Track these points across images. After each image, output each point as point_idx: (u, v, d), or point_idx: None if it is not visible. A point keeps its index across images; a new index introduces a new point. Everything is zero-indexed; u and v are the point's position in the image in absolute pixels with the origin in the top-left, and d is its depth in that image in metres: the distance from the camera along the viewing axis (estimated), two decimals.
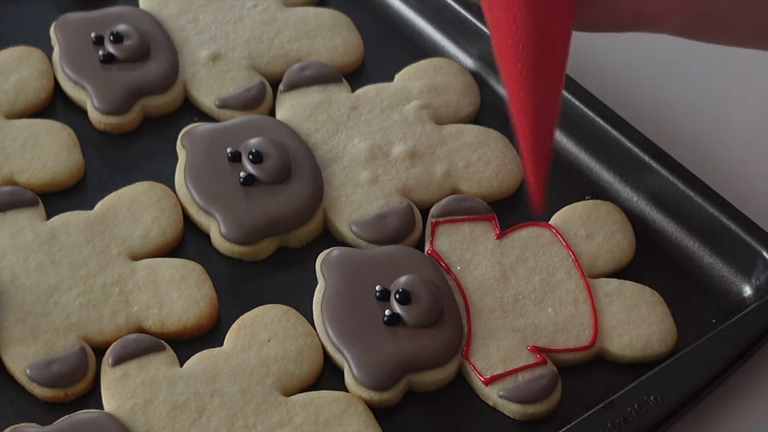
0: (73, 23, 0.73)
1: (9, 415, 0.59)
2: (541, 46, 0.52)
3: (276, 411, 0.59)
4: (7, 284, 0.62)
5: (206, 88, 0.72)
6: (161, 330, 0.62)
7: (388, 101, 0.71)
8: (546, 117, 0.53)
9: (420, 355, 0.60)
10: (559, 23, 0.53)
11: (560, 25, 0.53)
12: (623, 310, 0.63)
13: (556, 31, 0.53)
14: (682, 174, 0.68)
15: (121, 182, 0.67)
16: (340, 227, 0.66)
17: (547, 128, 0.53)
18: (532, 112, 0.52)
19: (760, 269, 0.64)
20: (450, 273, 0.64)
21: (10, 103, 0.70)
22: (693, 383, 0.60)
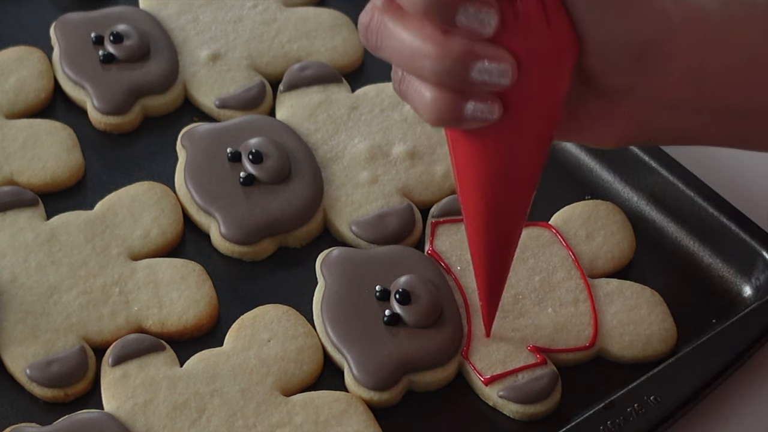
0: (73, 23, 0.73)
1: (9, 415, 0.59)
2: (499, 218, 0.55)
3: (276, 411, 0.59)
4: (7, 284, 0.62)
5: (206, 88, 0.72)
6: (161, 330, 0.62)
7: (388, 101, 0.71)
8: (499, 274, 0.58)
9: (420, 355, 0.60)
10: (519, 195, 0.55)
11: (521, 195, 0.55)
12: (623, 310, 0.63)
13: (516, 204, 0.55)
14: (682, 174, 0.68)
15: (121, 182, 0.67)
16: (340, 227, 0.66)
17: (499, 284, 0.58)
18: (487, 271, 0.57)
19: (760, 269, 0.64)
20: (450, 273, 0.64)
21: (10, 103, 0.70)
22: (693, 383, 0.60)
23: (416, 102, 0.51)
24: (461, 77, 0.49)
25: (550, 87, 0.51)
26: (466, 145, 0.53)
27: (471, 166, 0.53)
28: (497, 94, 0.50)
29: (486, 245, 0.56)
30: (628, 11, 0.50)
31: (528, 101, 0.51)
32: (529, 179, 0.54)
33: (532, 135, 0.52)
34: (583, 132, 0.55)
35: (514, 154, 0.52)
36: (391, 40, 0.51)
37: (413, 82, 0.51)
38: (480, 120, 0.50)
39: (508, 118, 0.51)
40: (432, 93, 0.50)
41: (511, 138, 0.52)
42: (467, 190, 0.54)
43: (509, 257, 0.57)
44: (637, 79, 0.52)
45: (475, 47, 0.49)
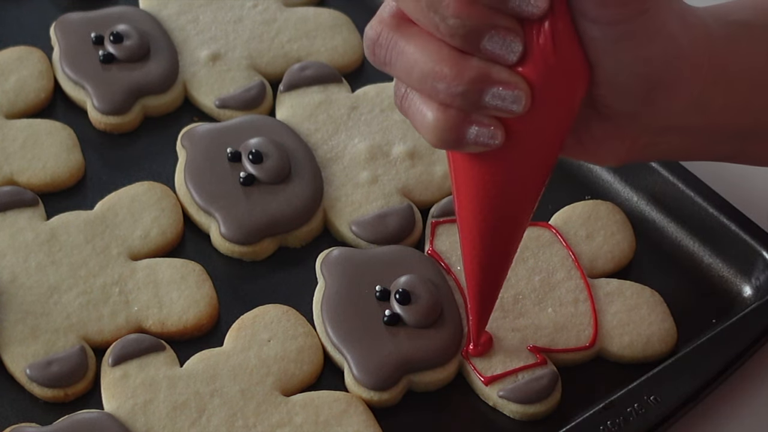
0: (73, 23, 0.73)
1: (9, 415, 0.59)
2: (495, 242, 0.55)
3: (276, 411, 0.59)
4: (7, 284, 0.62)
5: (206, 88, 0.72)
6: (161, 330, 0.62)
7: (388, 101, 0.71)
8: (491, 293, 0.58)
9: (420, 355, 0.60)
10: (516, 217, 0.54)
11: (518, 220, 0.54)
12: (623, 310, 0.63)
13: (514, 225, 0.54)
14: (682, 174, 0.68)
15: (121, 182, 0.67)
16: (340, 227, 0.66)
17: (490, 302, 0.58)
18: (478, 290, 0.57)
19: (760, 269, 0.64)
20: (450, 273, 0.64)
21: (10, 103, 0.70)
22: (693, 383, 0.60)
23: (418, 122, 0.51)
24: (473, 101, 0.49)
25: (559, 116, 0.50)
26: (465, 166, 0.52)
27: (469, 187, 0.53)
28: (502, 120, 0.50)
29: (479, 262, 0.55)
30: (642, 40, 0.49)
31: (534, 129, 0.50)
32: (527, 204, 0.53)
33: (534, 162, 0.52)
34: (585, 153, 0.54)
35: (514, 180, 0.52)
36: (402, 58, 0.50)
37: (416, 101, 0.51)
38: (482, 145, 0.50)
39: (512, 144, 0.50)
40: (435, 114, 0.50)
41: (512, 164, 0.51)
42: (463, 209, 0.54)
43: (501, 277, 0.57)
44: (643, 106, 0.51)
45: (492, 71, 0.48)
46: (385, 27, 0.50)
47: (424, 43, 0.49)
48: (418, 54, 0.49)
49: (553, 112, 0.50)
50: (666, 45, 0.50)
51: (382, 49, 0.51)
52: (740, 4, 0.54)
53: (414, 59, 0.49)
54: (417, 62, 0.49)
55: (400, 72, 0.50)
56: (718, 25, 0.53)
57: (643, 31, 0.49)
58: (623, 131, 0.53)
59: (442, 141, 0.50)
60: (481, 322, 0.59)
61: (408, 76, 0.50)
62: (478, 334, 0.60)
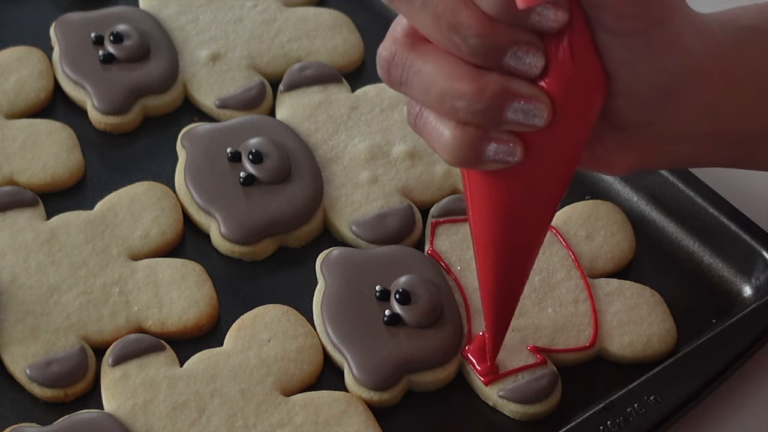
0: (73, 23, 0.73)
1: (9, 415, 0.59)
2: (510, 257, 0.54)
3: (276, 411, 0.59)
4: (7, 284, 0.62)
5: (206, 88, 0.72)
6: (161, 330, 0.62)
7: (388, 101, 0.71)
8: (508, 309, 0.57)
9: (420, 355, 0.60)
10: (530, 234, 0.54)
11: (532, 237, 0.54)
12: (623, 310, 0.63)
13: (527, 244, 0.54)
14: (682, 174, 0.68)
15: (121, 182, 0.67)
16: (340, 227, 0.66)
17: (507, 316, 0.57)
18: (494, 306, 0.57)
19: (760, 269, 0.64)
20: (450, 273, 0.64)
21: (10, 103, 0.70)
22: (693, 383, 0.60)
23: (434, 141, 0.50)
24: (495, 117, 0.48)
25: (577, 129, 0.50)
26: (481, 182, 0.52)
27: (485, 204, 0.52)
28: (521, 135, 0.49)
29: (496, 278, 0.55)
30: (659, 51, 0.49)
31: (552, 143, 0.50)
32: (543, 219, 0.53)
33: (551, 177, 0.51)
34: (597, 163, 0.54)
35: (531, 196, 0.51)
36: (419, 77, 0.49)
37: (431, 120, 0.50)
38: (501, 162, 0.49)
39: (530, 160, 0.50)
40: (452, 132, 0.49)
41: (529, 180, 0.51)
42: (479, 225, 0.53)
43: (518, 293, 0.56)
44: (656, 115, 0.51)
45: (513, 86, 0.48)
46: (399, 46, 0.50)
47: (440, 61, 0.49)
48: (435, 72, 0.48)
49: (572, 125, 0.49)
50: (682, 55, 0.50)
51: (398, 69, 0.50)
52: (745, 10, 0.54)
53: (431, 78, 0.49)
54: (435, 81, 0.48)
55: (416, 91, 0.49)
56: (725, 32, 0.52)
57: (659, 42, 0.49)
58: (635, 141, 0.53)
59: (460, 160, 0.49)
60: (498, 338, 0.58)
61: (425, 96, 0.49)
62: (495, 352, 0.59)
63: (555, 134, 0.49)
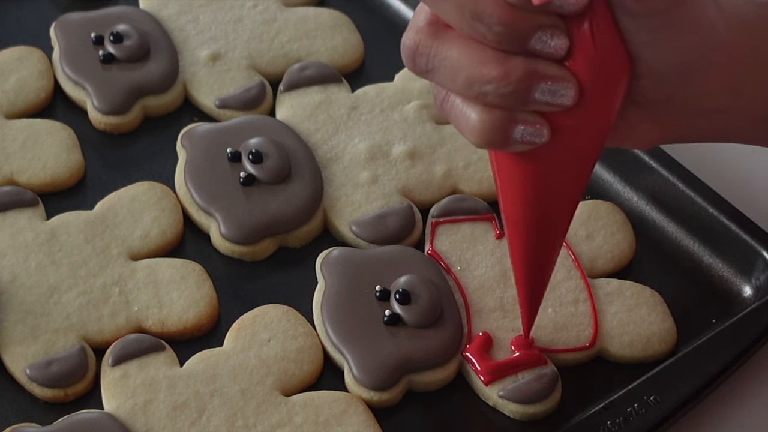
0: (73, 23, 0.73)
1: (9, 415, 0.59)
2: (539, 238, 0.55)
3: (276, 411, 0.59)
4: (7, 284, 0.62)
5: (206, 88, 0.72)
6: (161, 330, 0.62)
7: (388, 101, 0.71)
8: (540, 285, 0.58)
9: (420, 355, 0.60)
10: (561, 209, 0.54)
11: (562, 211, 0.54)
12: (623, 310, 0.63)
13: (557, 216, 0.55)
14: (682, 174, 0.68)
15: (121, 182, 0.67)
16: (340, 227, 0.66)
17: (539, 293, 0.58)
18: (527, 285, 0.57)
19: (760, 269, 0.64)
20: (450, 273, 0.64)
21: (10, 103, 0.70)
22: (693, 383, 0.60)
23: (462, 124, 0.50)
24: (522, 99, 0.49)
25: (602, 109, 0.50)
26: (509, 164, 0.52)
27: (514, 185, 0.53)
28: (547, 117, 0.50)
29: (527, 255, 0.55)
30: (681, 30, 0.49)
31: (578, 124, 0.50)
32: (572, 198, 0.54)
33: (579, 157, 0.52)
34: (618, 137, 0.54)
35: (560, 176, 0.52)
36: (444, 64, 0.49)
37: (458, 104, 0.50)
38: (528, 143, 0.50)
39: (556, 141, 0.50)
40: (479, 116, 0.49)
41: (557, 161, 0.51)
42: (509, 207, 0.54)
43: (550, 266, 0.57)
44: (678, 91, 0.51)
45: (539, 67, 0.48)
46: (423, 35, 0.50)
47: (465, 47, 0.49)
48: (461, 59, 0.49)
49: (597, 105, 0.50)
50: (704, 33, 0.50)
51: (423, 57, 0.50)
52: None
53: (458, 65, 0.49)
54: (461, 67, 0.49)
55: (443, 78, 0.50)
56: (751, 8, 0.52)
57: (681, 21, 0.49)
58: (657, 116, 0.53)
59: (488, 142, 0.50)
60: (531, 315, 0.59)
61: (452, 82, 0.49)
62: (528, 329, 0.60)
63: (580, 115, 0.50)
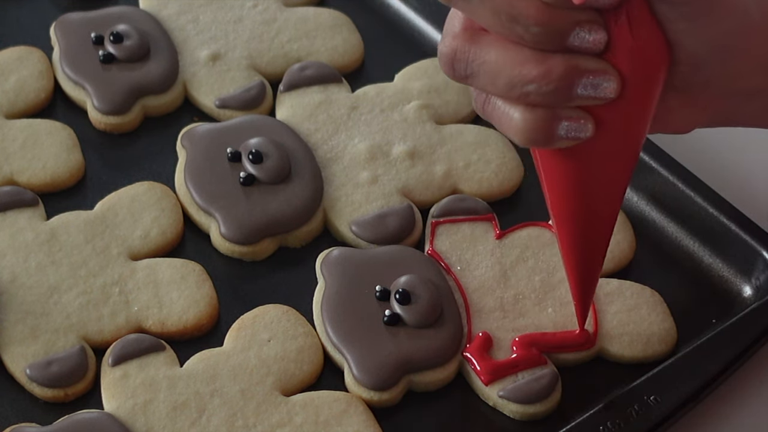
0: (73, 23, 0.73)
1: (9, 415, 0.59)
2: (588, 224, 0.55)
3: (276, 411, 0.59)
4: (7, 284, 0.62)
5: (206, 88, 0.72)
6: (161, 330, 0.62)
7: (388, 101, 0.71)
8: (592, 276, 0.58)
9: (420, 355, 0.60)
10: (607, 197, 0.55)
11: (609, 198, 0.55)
12: (623, 310, 0.63)
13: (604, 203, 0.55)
14: (682, 174, 0.68)
15: (121, 182, 0.67)
16: (340, 227, 0.66)
17: (592, 284, 0.59)
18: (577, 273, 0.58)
19: (760, 269, 0.64)
20: (450, 273, 0.64)
21: (10, 103, 0.70)
22: (693, 383, 0.60)
23: (505, 125, 0.51)
24: (565, 95, 0.49)
25: (643, 99, 0.51)
26: (554, 160, 0.52)
27: (560, 181, 0.53)
28: (590, 111, 0.50)
29: (576, 248, 0.56)
30: (718, 15, 0.50)
31: (621, 116, 0.51)
32: (620, 186, 0.54)
33: (623, 149, 0.52)
34: (658, 123, 0.54)
35: (604, 168, 0.52)
36: (484, 68, 0.50)
37: (500, 105, 0.50)
38: (573, 139, 0.50)
39: (600, 134, 0.50)
40: (523, 115, 0.50)
41: (601, 153, 0.52)
42: (556, 200, 0.54)
43: (600, 257, 0.57)
44: (715, 74, 0.52)
45: (579, 63, 0.49)
46: (459, 41, 0.50)
47: (503, 49, 0.49)
48: (500, 61, 0.49)
49: (638, 95, 0.50)
50: (740, 17, 0.50)
51: (462, 63, 0.50)
52: None
53: (497, 67, 0.49)
54: (501, 70, 0.49)
55: (483, 82, 0.50)
56: None
57: (719, 6, 0.49)
58: (696, 99, 0.53)
59: (533, 141, 0.50)
60: (585, 308, 0.60)
61: (493, 85, 0.50)
62: (583, 320, 0.61)
63: (622, 106, 0.50)
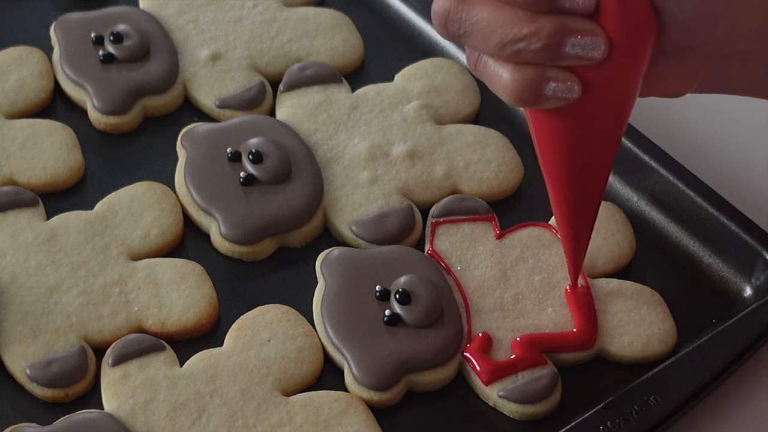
0: (73, 23, 0.73)
1: (9, 415, 0.59)
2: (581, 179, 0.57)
3: (276, 411, 0.59)
4: (7, 284, 0.62)
5: (206, 88, 0.72)
6: (161, 330, 0.62)
7: (388, 101, 0.71)
8: (585, 231, 0.60)
9: (420, 355, 0.60)
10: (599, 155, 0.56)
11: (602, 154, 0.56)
12: (623, 310, 0.63)
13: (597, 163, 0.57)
14: (682, 174, 0.68)
15: (121, 182, 0.67)
16: (340, 227, 0.66)
17: (584, 244, 0.61)
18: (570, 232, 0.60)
19: (760, 269, 0.64)
20: (450, 273, 0.64)
21: (10, 103, 0.70)
22: (693, 383, 0.60)
23: (495, 84, 0.52)
24: (554, 54, 0.50)
25: (631, 63, 0.52)
26: (545, 120, 0.54)
27: (551, 141, 0.55)
28: (577, 73, 0.51)
29: (567, 206, 0.58)
30: None
31: (608, 79, 0.52)
32: (609, 148, 0.55)
33: (611, 112, 0.54)
34: (651, 87, 0.55)
35: (595, 128, 0.54)
36: (476, 27, 0.51)
37: (491, 64, 0.52)
38: (560, 99, 0.52)
39: (589, 97, 0.52)
40: (512, 75, 0.51)
41: (590, 115, 0.53)
42: (548, 159, 0.56)
43: (591, 216, 0.59)
44: (704, 38, 0.52)
45: (569, 23, 0.50)
46: (452, 1, 0.52)
47: (495, 9, 0.51)
48: (492, 21, 0.51)
49: (626, 59, 0.52)
50: None
51: (455, 22, 0.52)
52: None
53: (490, 26, 0.51)
54: (493, 29, 0.51)
55: (476, 41, 0.52)
56: None
57: None
58: (688, 64, 0.54)
59: (521, 99, 0.52)
60: (577, 263, 0.61)
61: (485, 43, 0.51)
62: (575, 276, 0.62)
63: (611, 69, 0.51)
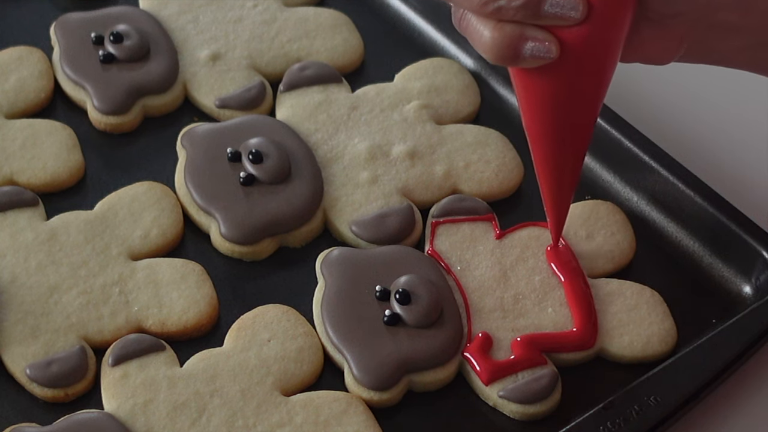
0: (73, 23, 0.73)
1: (9, 415, 0.59)
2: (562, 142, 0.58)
3: (276, 411, 0.59)
4: (7, 284, 0.62)
5: (206, 88, 0.72)
6: (161, 330, 0.62)
7: (388, 101, 0.71)
8: (565, 195, 0.61)
9: (420, 355, 0.60)
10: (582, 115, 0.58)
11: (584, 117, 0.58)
12: (623, 310, 0.63)
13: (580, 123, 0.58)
14: (682, 174, 0.68)
15: (121, 182, 0.67)
16: (340, 227, 0.66)
17: (565, 206, 0.62)
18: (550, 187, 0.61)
19: (760, 269, 0.64)
20: (450, 273, 0.64)
21: (10, 103, 0.70)
22: (693, 383, 0.60)
23: (476, 41, 0.54)
24: (533, 12, 0.52)
25: (610, 28, 0.53)
26: (527, 80, 0.55)
27: (534, 100, 0.56)
28: (556, 35, 0.53)
29: (549, 166, 0.59)
30: None
31: (587, 43, 0.53)
32: (590, 110, 0.57)
33: (592, 72, 0.55)
34: (636, 53, 0.56)
35: (575, 89, 0.55)
36: None
37: (473, 21, 0.54)
38: (538, 59, 0.53)
39: (569, 59, 0.53)
40: (492, 33, 0.53)
41: (571, 76, 0.54)
42: (530, 119, 0.57)
43: (574, 178, 0.60)
44: (687, 6, 0.53)
45: None
46: None
47: None
48: None
49: (605, 22, 0.53)
50: None
51: None
52: None
53: None
54: None
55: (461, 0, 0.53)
56: None
57: None
58: (672, 31, 0.55)
59: (500, 57, 0.54)
60: (559, 223, 0.63)
61: (469, 2, 0.53)
62: (557, 236, 0.64)
63: (590, 31, 0.53)
